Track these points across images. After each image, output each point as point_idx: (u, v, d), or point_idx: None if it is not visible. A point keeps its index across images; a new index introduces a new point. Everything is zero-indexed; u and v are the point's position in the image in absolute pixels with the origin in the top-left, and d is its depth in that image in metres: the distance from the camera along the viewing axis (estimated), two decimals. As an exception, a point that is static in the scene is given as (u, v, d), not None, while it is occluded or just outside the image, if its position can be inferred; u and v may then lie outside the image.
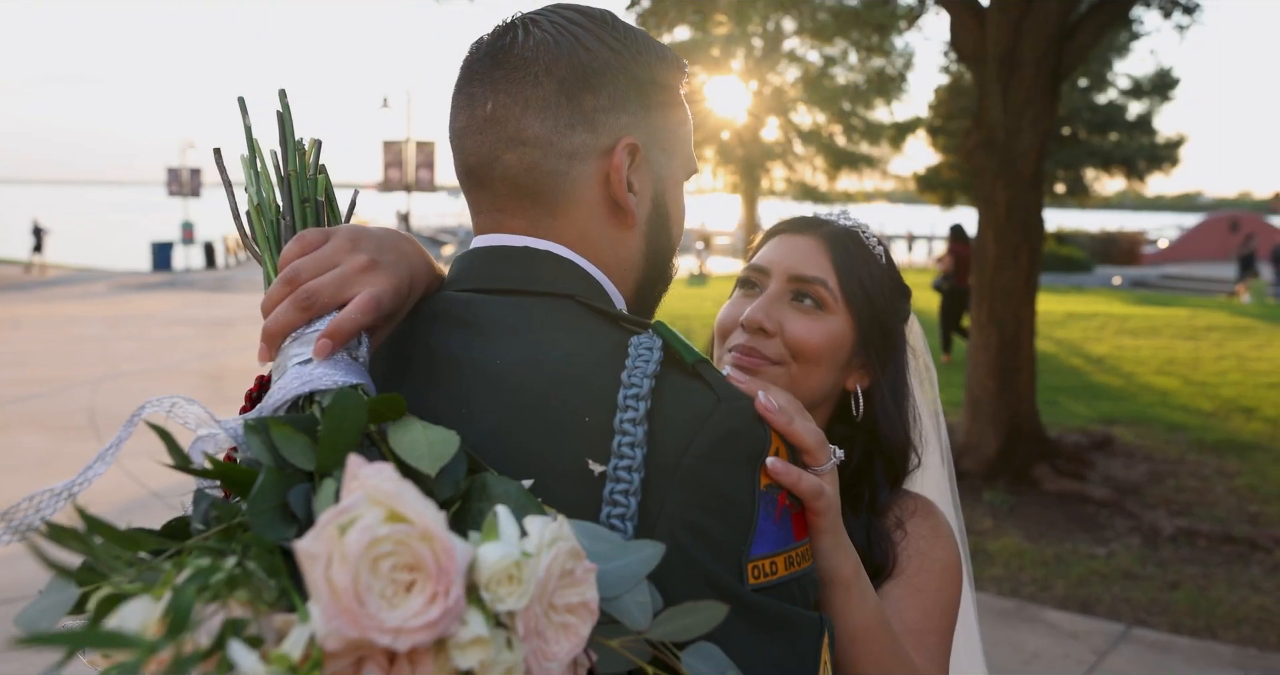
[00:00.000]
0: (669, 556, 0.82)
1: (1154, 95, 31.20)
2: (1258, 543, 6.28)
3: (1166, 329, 16.72)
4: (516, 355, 0.94)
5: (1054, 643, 5.01)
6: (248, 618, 0.68)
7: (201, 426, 0.93)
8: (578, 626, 0.73)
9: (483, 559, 0.69)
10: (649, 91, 1.05)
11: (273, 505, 0.77)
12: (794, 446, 0.96)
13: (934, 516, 1.40)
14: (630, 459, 0.85)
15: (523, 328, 0.97)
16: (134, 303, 20.48)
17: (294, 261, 0.96)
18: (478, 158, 1.04)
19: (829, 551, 1.01)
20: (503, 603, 0.68)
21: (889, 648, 1.08)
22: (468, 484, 0.82)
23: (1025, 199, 7.38)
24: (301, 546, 0.65)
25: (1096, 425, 9.41)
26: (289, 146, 1.09)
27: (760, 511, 0.88)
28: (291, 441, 0.81)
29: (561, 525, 0.73)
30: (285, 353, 0.94)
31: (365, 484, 0.68)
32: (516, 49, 1.01)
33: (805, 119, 27.34)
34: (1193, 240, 45.57)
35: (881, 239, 1.48)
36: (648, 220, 1.08)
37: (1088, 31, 7.31)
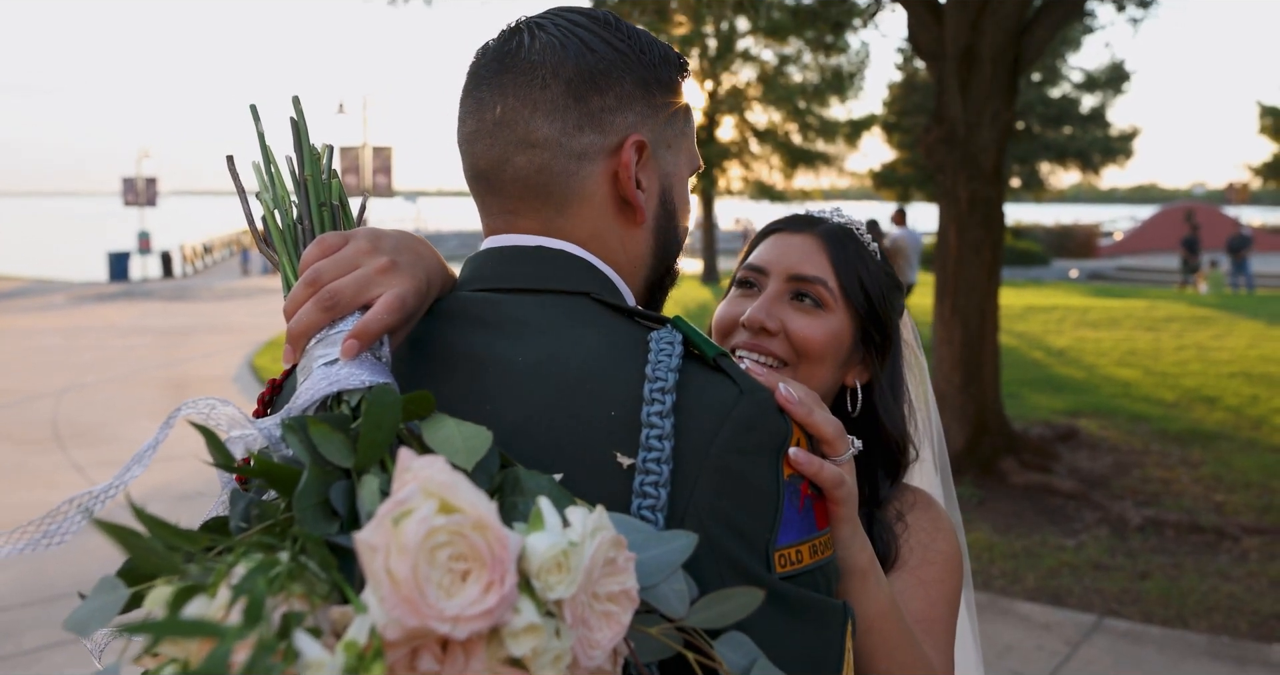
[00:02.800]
0: (700, 546, 0.85)
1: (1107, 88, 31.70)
2: (1225, 531, 6.39)
3: (1126, 320, 16.98)
4: (539, 352, 0.96)
5: (1026, 635, 5.08)
6: (305, 610, 0.70)
7: (234, 427, 0.95)
8: (619, 614, 0.75)
9: (532, 548, 0.71)
10: (653, 90, 1.07)
11: (316, 501, 0.79)
12: (813, 437, 0.99)
13: (934, 509, 1.44)
14: (659, 451, 0.87)
15: (543, 325, 0.99)
16: (93, 313, 20.18)
17: (315, 263, 0.97)
18: (488, 161, 1.06)
19: (848, 540, 1.03)
20: (553, 591, 0.70)
21: (902, 637, 1.11)
22: (500, 478, 0.84)
23: (987, 193, 7.48)
24: (361, 538, 0.67)
25: (1060, 418, 9.54)
26: (305, 152, 1.11)
27: (785, 501, 0.91)
28: (330, 439, 0.82)
29: (601, 515, 0.75)
30: (310, 354, 0.95)
31: (419, 476, 0.69)
32: (523, 53, 1.04)
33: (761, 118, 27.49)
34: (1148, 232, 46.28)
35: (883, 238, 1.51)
36: (656, 217, 1.10)
37: (1045, 25, 7.43)
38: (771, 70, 26.01)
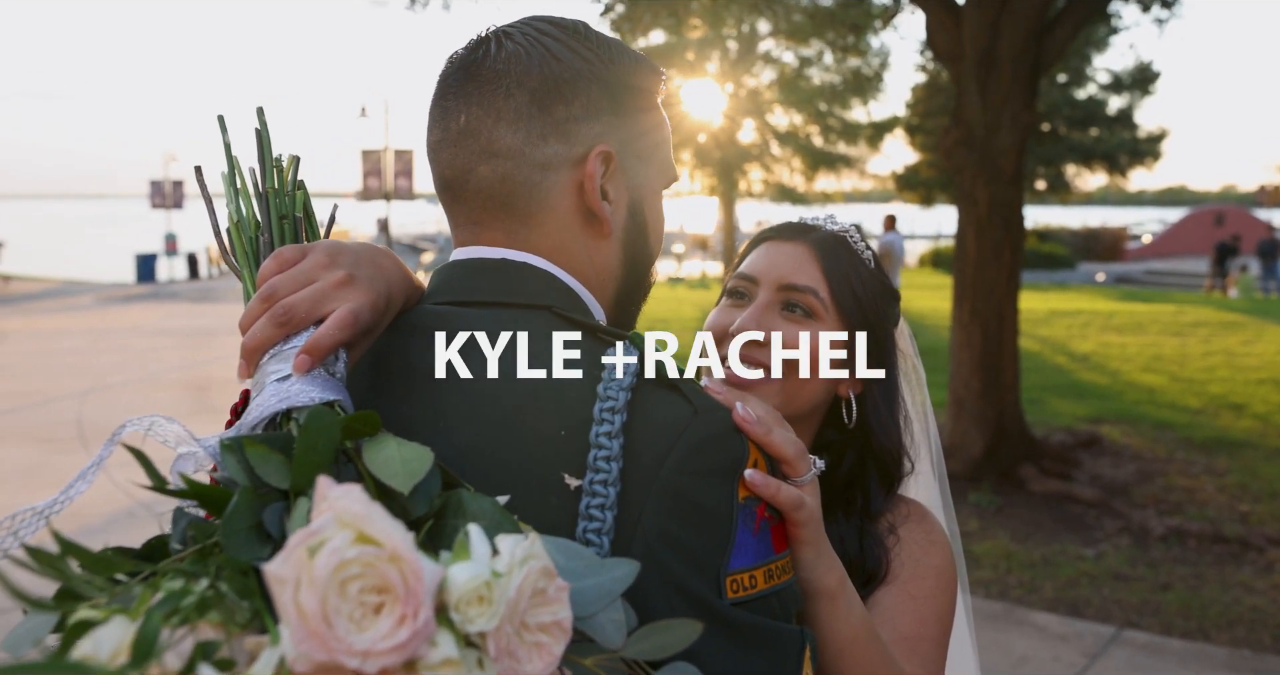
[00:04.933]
0: (646, 571, 0.82)
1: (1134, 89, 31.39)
2: (1249, 542, 6.28)
3: (1152, 325, 16.79)
4: (492, 369, 0.94)
5: (1043, 646, 5.01)
6: (220, 640, 0.68)
7: (181, 445, 0.93)
8: (551, 646, 0.72)
9: (452, 580, 0.68)
10: (623, 100, 1.05)
11: (247, 525, 0.77)
12: (773, 457, 0.96)
13: (927, 521, 1.40)
14: (606, 473, 0.84)
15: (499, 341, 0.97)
16: (118, 314, 20.38)
17: (271, 278, 0.96)
18: (453, 170, 1.05)
19: (811, 563, 1.00)
20: (473, 623, 0.68)
21: (878, 659, 1.07)
22: (442, 501, 0.82)
23: (1006, 196, 7.40)
24: (270, 569, 0.65)
25: (1083, 424, 9.42)
26: (267, 163, 1.10)
27: (738, 524, 0.88)
28: (267, 460, 0.80)
29: (534, 543, 0.73)
30: (264, 369, 0.94)
31: (334, 506, 0.67)
32: (489, 62, 1.02)
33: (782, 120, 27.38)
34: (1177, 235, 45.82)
35: (868, 243, 1.47)
36: (625, 229, 1.08)
37: (1066, 26, 7.34)
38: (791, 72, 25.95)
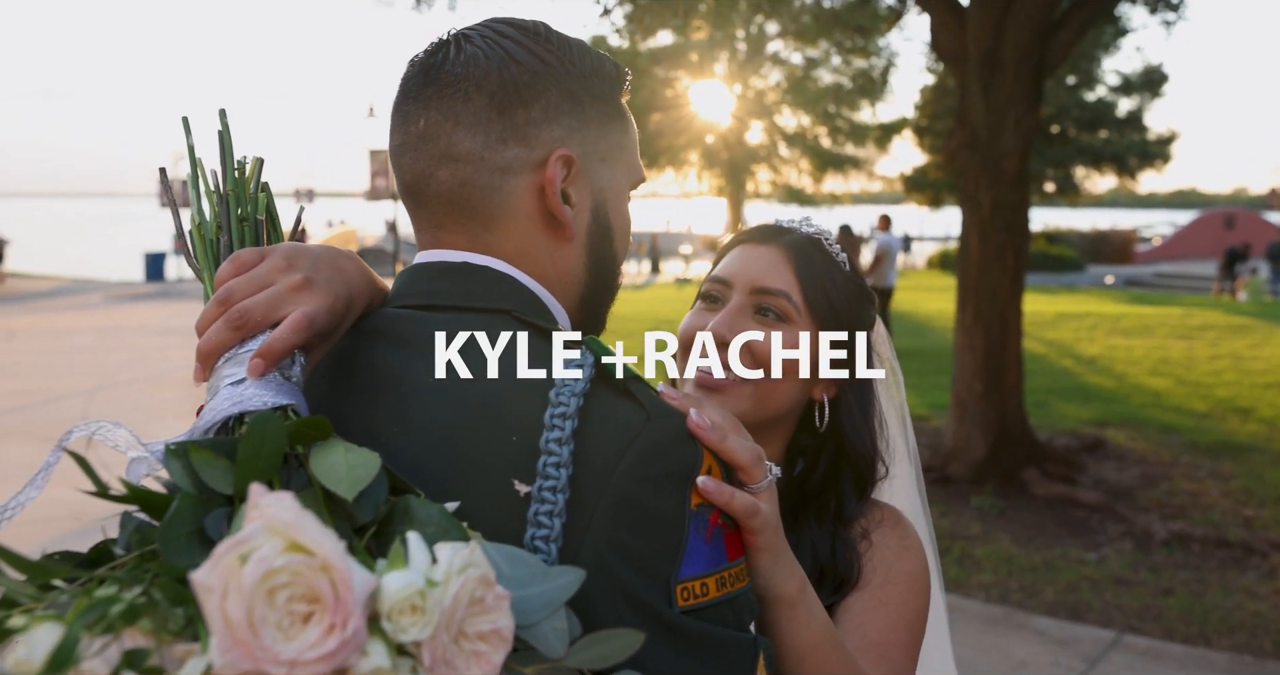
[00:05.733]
0: (595, 578, 0.82)
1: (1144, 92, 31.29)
2: (1253, 547, 6.24)
3: (1160, 328, 16.72)
4: (449, 373, 0.93)
5: (1043, 650, 4.98)
6: (151, 647, 0.67)
7: (130, 450, 0.92)
8: (490, 654, 0.72)
9: (385, 589, 0.67)
10: (584, 103, 1.04)
11: (187, 531, 0.76)
12: (729, 464, 0.94)
13: (901, 527, 1.39)
14: (555, 479, 0.84)
15: None
16: (127, 313, 20.46)
17: (228, 281, 0.96)
18: (413, 175, 1.04)
19: (768, 570, 0.99)
20: (405, 633, 0.67)
21: (840, 666, 1.06)
22: (389, 507, 0.81)
23: (1010, 198, 7.37)
24: (196, 577, 0.64)
25: (1088, 427, 9.37)
26: (228, 165, 1.09)
27: (690, 531, 0.87)
28: (212, 465, 0.80)
29: (473, 551, 0.72)
30: (218, 373, 0.94)
31: (265, 514, 0.67)
32: (448, 66, 1.01)
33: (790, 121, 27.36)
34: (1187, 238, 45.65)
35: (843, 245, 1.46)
36: (588, 232, 1.07)
37: (1070, 28, 7.31)
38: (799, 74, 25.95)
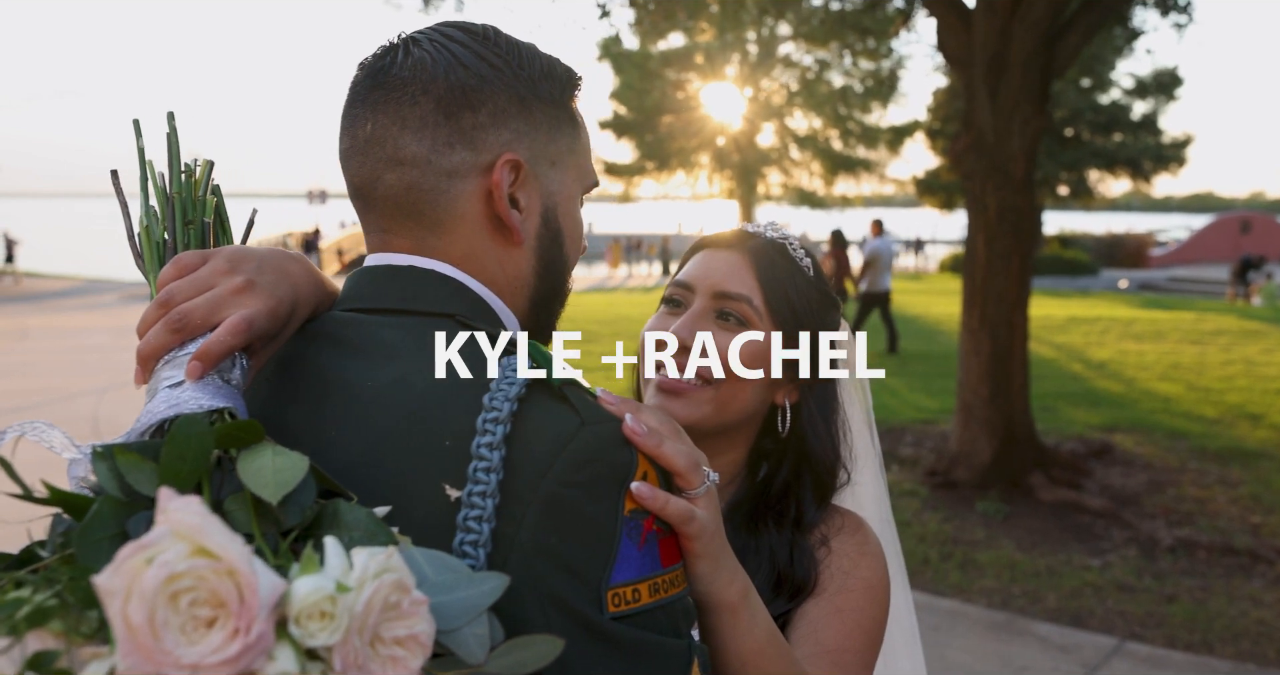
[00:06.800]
0: (524, 584, 0.82)
1: (1158, 95, 31.13)
2: (1259, 554, 6.18)
3: (1172, 333, 16.61)
4: (388, 377, 0.94)
5: (1043, 656, 4.95)
6: (60, 650, 0.67)
7: (65, 451, 0.92)
8: (407, 660, 0.71)
9: (293, 594, 0.67)
10: (533, 107, 1.04)
11: (109, 534, 0.76)
12: (665, 470, 0.94)
13: (860, 533, 1.38)
14: (485, 484, 0.83)
15: (398, 349, 0.96)
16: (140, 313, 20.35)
17: (170, 284, 0.96)
18: (361, 178, 1.04)
19: (708, 576, 0.98)
20: (314, 638, 0.67)
21: (784, 670, 1.05)
22: (317, 511, 0.81)
23: (1016, 202, 7.33)
24: (99, 581, 0.64)
25: (1095, 433, 9.31)
26: (174, 168, 1.09)
27: (622, 537, 0.87)
28: (138, 468, 0.80)
29: (390, 556, 0.71)
30: (158, 375, 0.94)
31: (171, 518, 0.66)
32: (395, 69, 1.01)
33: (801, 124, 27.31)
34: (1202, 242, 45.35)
35: (810, 250, 1.46)
36: (537, 236, 1.07)
37: (1078, 31, 7.26)
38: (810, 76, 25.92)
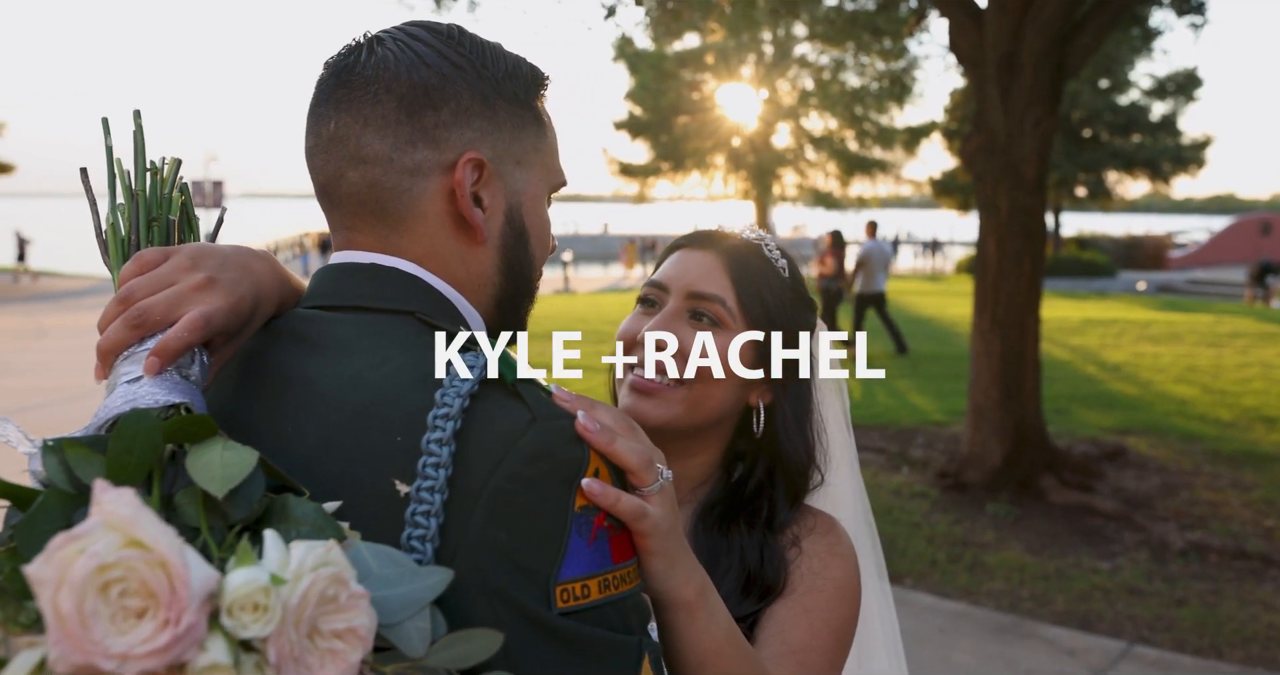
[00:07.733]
0: (472, 579, 0.82)
1: (1178, 96, 30.92)
2: (1272, 558, 6.13)
3: (1189, 335, 16.48)
4: (343, 373, 0.94)
5: (1050, 660, 4.92)
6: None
7: (20, 445, 0.93)
8: (346, 653, 0.72)
9: (226, 585, 0.68)
10: (497, 106, 1.04)
11: (55, 526, 0.77)
12: (618, 467, 0.94)
13: (832, 534, 1.38)
14: (433, 480, 0.84)
15: (356, 345, 0.97)
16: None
17: (130, 280, 0.97)
18: (325, 177, 1.05)
19: (663, 574, 0.98)
20: (246, 629, 0.67)
21: (743, 669, 1.05)
22: (265, 505, 0.81)
23: (1027, 203, 7.30)
24: (29, 571, 0.65)
25: (1109, 435, 9.25)
26: (139, 166, 1.10)
27: (572, 533, 0.87)
28: (88, 462, 0.80)
29: (329, 550, 0.72)
30: (116, 371, 0.95)
31: (104, 510, 0.67)
32: (358, 68, 1.02)
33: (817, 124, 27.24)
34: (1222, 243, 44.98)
35: (785, 251, 1.46)
36: (501, 235, 1.07)
37: (1090, 32, 7.22)
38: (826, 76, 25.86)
